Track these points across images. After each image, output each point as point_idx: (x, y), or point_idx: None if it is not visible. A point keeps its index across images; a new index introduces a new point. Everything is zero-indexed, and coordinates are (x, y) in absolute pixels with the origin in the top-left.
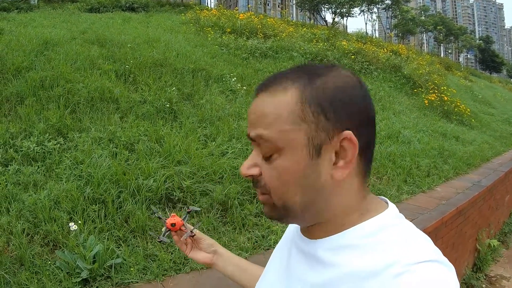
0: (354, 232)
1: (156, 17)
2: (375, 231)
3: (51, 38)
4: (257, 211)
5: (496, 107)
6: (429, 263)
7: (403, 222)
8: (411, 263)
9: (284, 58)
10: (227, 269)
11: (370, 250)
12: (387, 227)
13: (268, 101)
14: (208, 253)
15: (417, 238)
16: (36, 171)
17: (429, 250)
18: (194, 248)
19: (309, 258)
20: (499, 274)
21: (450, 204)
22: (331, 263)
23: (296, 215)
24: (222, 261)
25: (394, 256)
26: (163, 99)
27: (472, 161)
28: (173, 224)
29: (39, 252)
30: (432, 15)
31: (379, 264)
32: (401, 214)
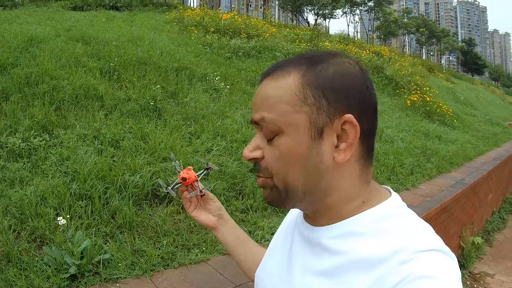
0: (359, 220)
1: (140, 16)
2: (379, 219)
3: (36, 35)
4: (243, 207)
5: (478, 108)
6: (434, 252)
7: (407, 211)
8: (417, 251)
9: (267, 58)
10: (227, 237)
11: (376, 238)
12: (392, 215)
13: (271, 85)
14: (213, 216)
15: (421, 227)
16: (22, 167)
17: (433, 239)
18: (199, 207)
19: (313, 245)
20: (483, 271)
21: (434, 201)
22: (337, 251)
23: (298, 198)
24: (225, 228)
25: (400, 244)
26: (148, 97)
27: (455, 160)
28: (184, 179)
29: (26, 248)
30: (414, 18)
31: (385, 251)
32: (403, 203)
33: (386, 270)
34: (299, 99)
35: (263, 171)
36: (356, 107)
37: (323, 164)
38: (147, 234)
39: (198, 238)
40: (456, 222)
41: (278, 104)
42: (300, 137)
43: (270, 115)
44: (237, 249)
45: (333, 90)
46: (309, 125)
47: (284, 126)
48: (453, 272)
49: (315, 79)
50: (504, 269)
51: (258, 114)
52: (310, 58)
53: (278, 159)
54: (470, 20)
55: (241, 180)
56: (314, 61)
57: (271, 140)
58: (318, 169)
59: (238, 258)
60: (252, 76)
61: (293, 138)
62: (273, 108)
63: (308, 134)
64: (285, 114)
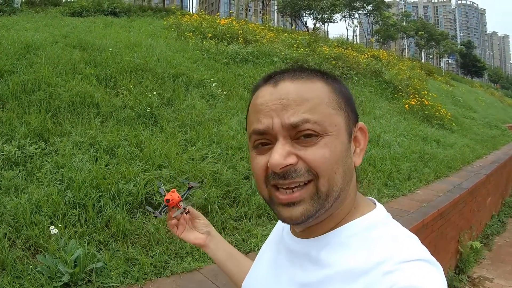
0: (346, 231)
1: (138, 22)
2: (364, 229)
3: (33, 42)
4: (237, 215)
5: (477, 111)
6: (418, 262)
7: (391, 221)
8: (401, 262)
9: (264, 63)
10: (217, 253)
11: (361, 248)
12: (377, 226)
13: (302, 87)
14: (202, 233)
15: (406, 238)
16: (17, 175)
17: (418, 249)
18: (187, 228)
19: (299, 257)
20: (482, 275)
21: (431, 207)
22: (323, 262)
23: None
24: (214, 243)
25: (384, 255)
26: (144, 104)
27: (453, 164)
28: (167, 200)
29: (21, 256)
30: (413, 21)
31: (369, 262)
32: (388, 213)
33: (370, 280)
34: (337, 103)
35: (303, 175)
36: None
37: (352, 166)
38: (140, 242)
39: (192, 246)
40: (453, 227)
41: (321, 106)
42: (342, 138)
43: (314, 116)
44: (227, 263)
45: (351, 100)
46: (347, 127)
47: (330, 127)
48: (437, 281)
49: (338, 88)
50: (503, 273)
51: (297, 116)
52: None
53: (328, 158)
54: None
55: (236, 187)
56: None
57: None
58: (351, 170)
59: (228, 272)
60: (249, 81)
61: (337, 138)
62: (316, 110)
63: (346, 136)
64: (330, 116)
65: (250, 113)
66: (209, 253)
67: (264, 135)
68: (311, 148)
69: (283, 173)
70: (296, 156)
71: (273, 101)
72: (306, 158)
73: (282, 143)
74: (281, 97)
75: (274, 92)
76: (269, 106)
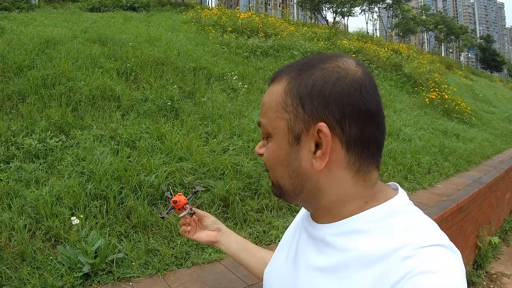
0: (361, 218)
1: (157, 17)
2: (382, 217)
3: (52, 37)
4: (258, 207)
5: (496, 105)
6: (437, 247)
7: (411, 208)
8: (419, 247)
9: (285, 57)
10: (231, 247)
11: (379, 235)
12: (395, 213)
13: (267, 92)
14: (212, 231)
15: (425, 224)
16: (38, 168)
17: (437, 235)
18: (197, 229)
19: (317, 242)
20: (500, 271)
21: (450, 201)
22: (340, 247)
23: (290, 195)
24: (226, 238)
25: (402, 240)
26: (165, 97)
27: (473, 158)
28: (175, 201)
29: (41, 247)
30: (433, 14)
31: (387, 247)
32: (410, 201)
33: (388, 265)
34: (281, 106)
35: (266, 166)
36: (337, 115)
37: (302, 168)
38: (161, 233)
39: None
40: (473, 221)
41: (268, 110)
42: (281, 142)
43: (263, 120)
44: (241, 255)
45: (311, 98)
46: (287, 131)
47: (271, 131)
48: (456, 267)
49: (297, 86)
50: None
51: (259, 118)
52: (304, 64)
53: (268, 159)
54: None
55: (257, 179)
56: (305, 67)
57: (266, 142)
58: (299, 172)
59: (244, 263)
60: (270, 75)
61: (276, 142)
62: (266, 114)
63: (286, 140)
64: (272, 120)
65: None
66: (222, 248)
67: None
68: (266, 147)
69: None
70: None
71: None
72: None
73: (263, 138)
74: (263, 98)
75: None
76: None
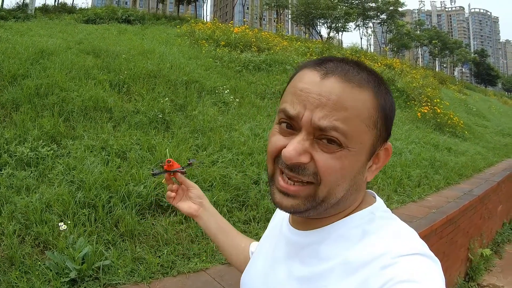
0: (345, 224)
1: (152, 30)
2: (364, 223)
3: (47, 47)
4: (245, 218)
5: (490, 119)
6: (416, 256)
7: (391, 216)
8: (399, 255)
9: (277, 71)
10: (209, 225)
11: (360, 242)
12: (376, 219)
13: (347, 92)
14: (195, 203)
15: (404, 232)
16: (29, 175)
17: (416, 243)
18: (182, 197)
19: (298, 250)
20: (492, 283)
21: (440, 213)
22: (322, 255)
23: (325, 208)
24: (207, 215)
25: (382, 248)
26: (156, 110)
27: (464, 171)
28: (169, 161)
29: (30, 252)
30: (427, 29)
31: (367, 255)
32: (387, 208)
33: (368, 274)
34: (373, 121)
35: (308, 176)
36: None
37: (362, 182)
38: (148, 242)
39: (199, 247)
40: (463, 233)
41: (355, 120)
42: (361, 156)
43: (345, 127)
44: (218, 235)
45: (389, 119)
46: (371, 147)
47: (354, 143)
48: (435, 275)
49: (383, 103)
50: None
51: (328, 120)
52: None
53: (337, 172)
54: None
55: (245, 191)
56: (376, 79)
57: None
58: (358, 184)
59: (219, 243)
60: (262, 89)
61: (356, 155)
62: (350, 122)
63: (367, 155)
64: (360, 132)
65: (288, 89)
66: (201, 224)
67: (292, 120)
68: (327, 154)
69: (292, 166)
70: (310, 155)
71: (313, 93)
72: (317, 162)
73: (303, 138)
74: (322, 93)
75: (319, 84)
76: (308, 96)
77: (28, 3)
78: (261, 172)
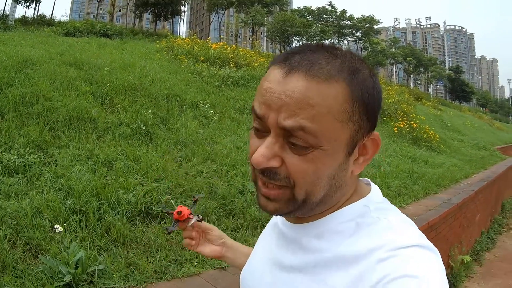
0: (339, 217)
1: (131, 44)
2: (358, 215)
3: (31, 57)
4: (233, 226)
5: (465, 134)
6: (414, 248)
7: (388, 206)
8: (395, 248)
9: (255, 87)
10: (237, 260)
11: (354, 235)
12: (371, 211)
13: (313, 88)
14: (216, 245)
15: (401, 223)
16: (17, 182)
17: (414, 235)
18: (201, 242)
19: (292, 243)
20: None
21: (421, 220)
22: (314, 248)
23: (310, 207)
24: (232, 253)
25: (378, 241)
26: (139, 122)
27: (442, 182)
28: (179, 212)
29: (22, 257)
30: (402, 47)
31: (362, 249)
32: (384, 198)
33: (364, 267)
34: (348, 115)
35: (281, 180)
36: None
37: (346, 177)
38: (140, 248)
39: (191, 254)
40: (444, 240)
41: (326, 117)
42: (338, 153)
43: (313, 125)
44: None
45: (372, 107)
46: (350, 142)
47: (327, 142)
48: (435, 268)
49: (360, 93)
50: (494, 286)
51: (293, 120)
52: (345, 60)
53: (309, 175)
54: (457, 48)
55: (231, 200)
56: (352, 67)
57: (300, 149)
58: (341, 182)
59: None
60: (241, 104)
61: (331, 153)
62: (319, 119)
63: (345, 151)
64: (332, 129)
65: (259, 87)
66: (229, 263)
67: (261, 120)
68: (297, 157)
69: (263, 171)
70: (281, 159)
71: (276, 93)
72: (289, 166)
73: (272, 142)
74: (285, 93)
75: (282, 83)
76: (271, 96)
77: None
78: (246, 182)
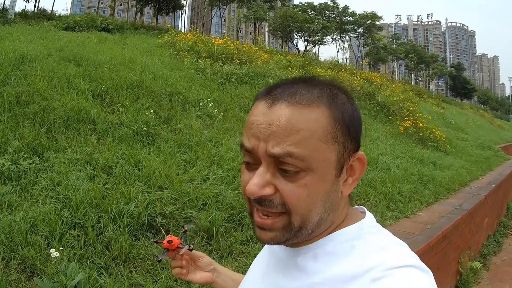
0: (333, 240)
1: (132, 39)
2: (352, 238)
3: (28, 54)
4: (243, 238)
5: (469, 132)
6: (407, 268)
7: (380, 230)
8: (389, 268)
9: (260, 85)
10: (228, 286)
11: (348, 256)
12: (365, 234)
13: (296, 115)
14: (207, 271)
15: (394, 245)
16: (11, 191)
17: (407, 255)
18: (192, 270)
19: (287, 265)
20: None
21: (435, 229)
22: (310, 271)
23: (306, 233)
24: (222, 279)
25: (372, 262)
26: (141, 122)
27: (451, 185)
28: (169, 241)
29: (16, 278)
30: (403, 43)
31: (357, 269)
32: (377, 223)
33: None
34: (331, 136)
35: (277, 207)
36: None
37: (338, 198)
38: (144, 266)
39: None
40: (455, 248)
41: (310, 140)
42: (328, 175)
43: (300, 150)
44: None
45: (353, 128)
46: (337, 162)
47: (316, 164)
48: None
49: (341, 115)
50: None
51: (280, 147)
52: (324, 87)
53: (304, 199)
54: (458, 45)
55: (240, 210)
56: (330, 93)
57: (291, 175)
58: (334, 203)
59: None
60: (245, 102)
61: (321, 175)
62: (304, 143)
63: (334, 172)
64: (318, 151)
65: (245, 123)
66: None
67: (251, 154)
68: (290, 183)
69: (258, 200)
70: (274, 186)
71: (263, 124)
72: (283, 193)
73: (264, 171)
74: (271, 122)
75: (267, 113)
76: (259, 128)
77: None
78: None
